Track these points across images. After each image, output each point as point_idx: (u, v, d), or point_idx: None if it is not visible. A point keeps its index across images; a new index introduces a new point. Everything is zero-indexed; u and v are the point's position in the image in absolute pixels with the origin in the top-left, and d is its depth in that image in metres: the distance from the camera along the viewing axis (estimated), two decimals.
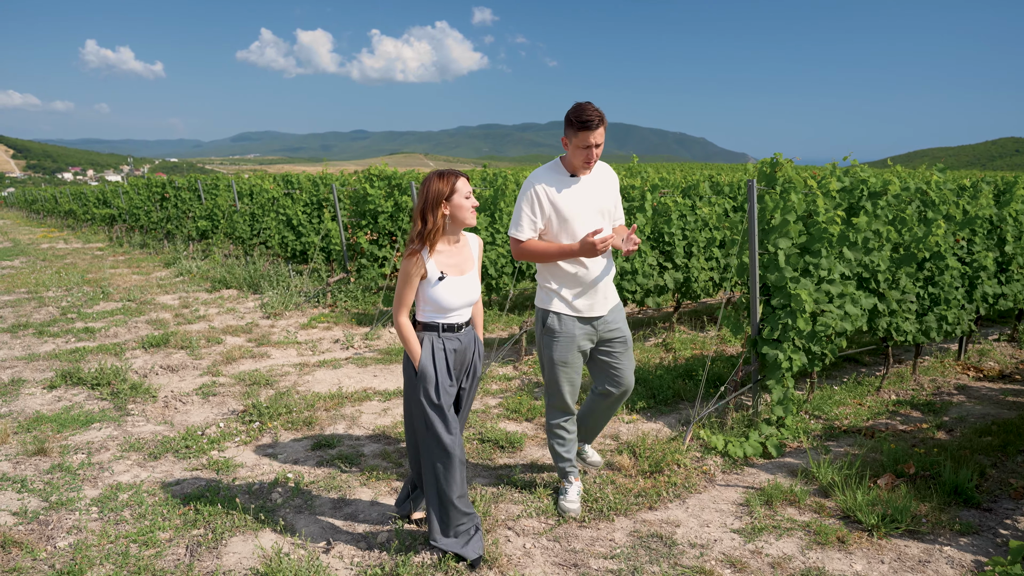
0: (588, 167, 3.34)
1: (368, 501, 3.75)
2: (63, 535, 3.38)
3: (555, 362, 3.48)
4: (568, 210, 3.33)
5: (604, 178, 3.49)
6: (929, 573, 3.09)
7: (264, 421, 4.87)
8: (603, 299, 3.47)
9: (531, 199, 3.34)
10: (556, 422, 3.64)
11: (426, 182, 2.93)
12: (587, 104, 3.21)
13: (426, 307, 2.99)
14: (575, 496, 3.64)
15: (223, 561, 3.16)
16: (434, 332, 2.99)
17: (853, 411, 5.40)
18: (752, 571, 3.07)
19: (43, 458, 4.29)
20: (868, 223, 5.17)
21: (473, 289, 3.04)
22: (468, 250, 3.08)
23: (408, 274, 2.92)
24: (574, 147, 3.26)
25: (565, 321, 3.43)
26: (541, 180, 3.36)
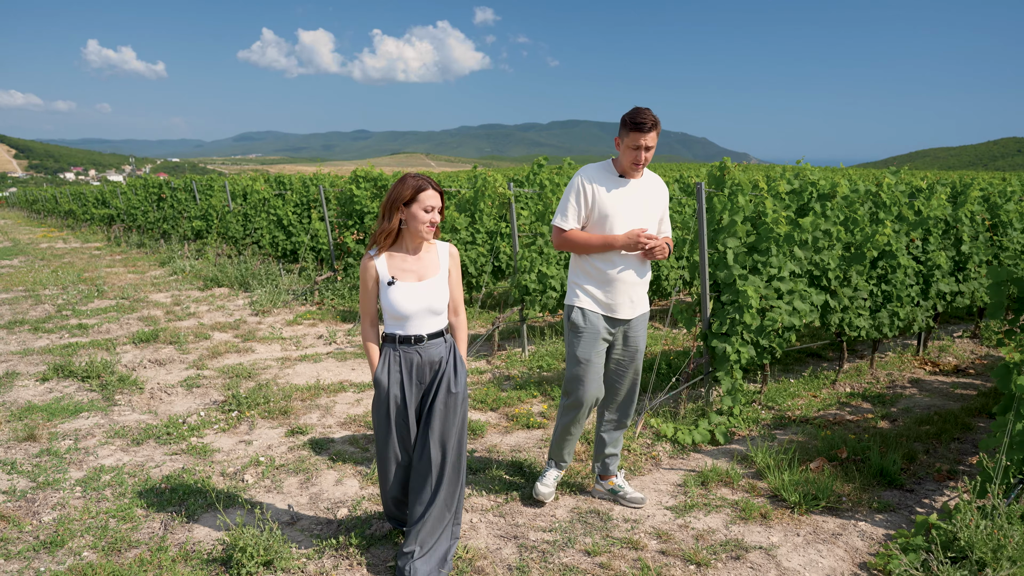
0: (636, 168, 3.38)
1: (333, 482, 4.03)
2: (48, 511, 3.67)
3: (578, 359, 3.48)
4: (611, 207, 3.37)
5: (654, 187, 3.53)
6: (840, 544, 3.37)
7: (242, 410, 5.16)
8: (631, 304, 3.48)
9: (578, 190, 3.40)
10: (571, 417, 3.60)
11: (399, 181, 2.88)
12: (644, 109, 3.29)
13: (386, 316, 2.94)
14: (551, 481, 3.75)
15: (193, 534, 3.44)
16: (391, 344, 2.93)
17: (807, 402, 5.67)
18: (676, 541, 3.35)
19: (32, 443, 4.58)
20: (815, 223, 5.44)
21: (434, 296, 2.91)
22: (432, 258, 2.97)
23: (362, 279, 2.92)
24: (625, 147, 3.33)
25: (590, 316, 3.46)
26: (590, 174, 3.42)
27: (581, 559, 3.19)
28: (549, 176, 7.14)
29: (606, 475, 3.84)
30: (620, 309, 3.46)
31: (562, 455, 3.77)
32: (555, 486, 3.78)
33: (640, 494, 3.78)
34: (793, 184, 5.61)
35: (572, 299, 3.52)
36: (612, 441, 3.77)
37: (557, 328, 7.87)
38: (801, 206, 5.66)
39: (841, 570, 3.15)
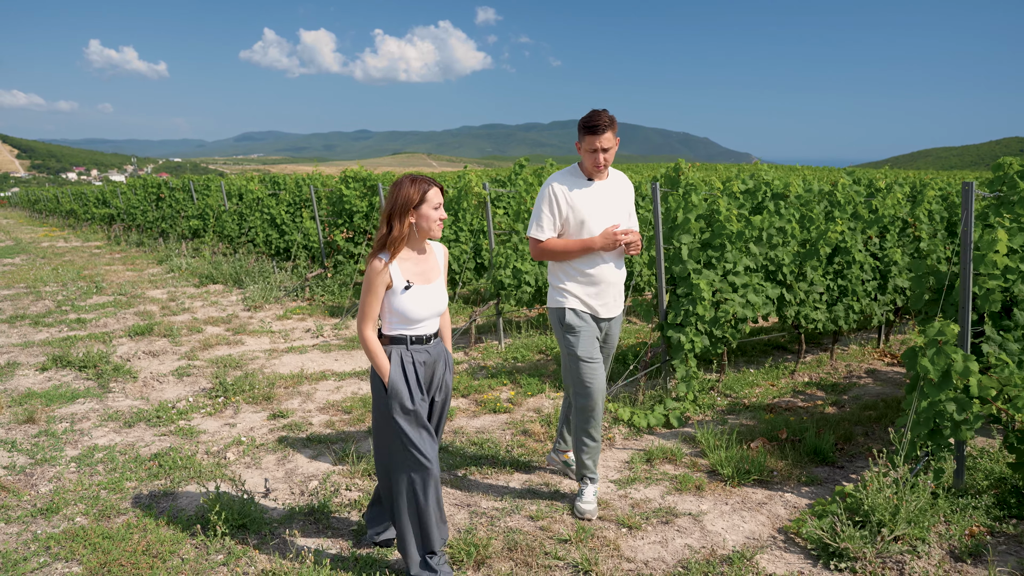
0: (599, 170, 3.44)
1: (308, 458, 4.37)
2: (45, 483, 4.02)
3: (582, 359, 3.48)
4: (584, 210, 3.43)
5: (619, 185, 3.60)
6: (763, 512, 3.70)
7: (228, 396, 5.50)
8: (613, 302, 3.57)
9: (549, 200, 3.45)
10: (587, 428, 3.56)
11: (397, 186, 2.84)
12: (599, 111, 3.32)
13: (392, 318, 2.87)
14: (591, 497, 3.62)
15: (177, 503, 3.78)
16: (402, 345, 2.87)
17: (764, 391, 6.00)
18: (613, 508, 3.68)
19: (32, 425, 4.93)
20: (770, 221, 5.77)
21: (440, 299, 2.94)
22: (434, 259, 2.98)
23: (372, 283, 2.80)
24: (584, 151, 3.39)
25: (583, 316, 3.50)
26: (558, 182, 3.47)
27: (525, 523, 3.53)
28: (524, 177, 7.48)
29: (564, 449, 4.02)
30: (604, 308, 3.53)
31: (589, 467, 3.66)
32: (595, 501, 3.64)
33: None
34: (748, 184, 5.94)
35: (561, 301, 3.52)
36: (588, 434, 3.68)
37: (533, 322, 8.20)
38: (756, 205, 5.99)
39: (759, 533, 3.48)
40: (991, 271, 3.72)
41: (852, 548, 3.17)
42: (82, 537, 3.37)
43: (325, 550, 3.29)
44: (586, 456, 3.63)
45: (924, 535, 3.33)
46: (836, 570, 3.14)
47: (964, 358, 3.50)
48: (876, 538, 3.25)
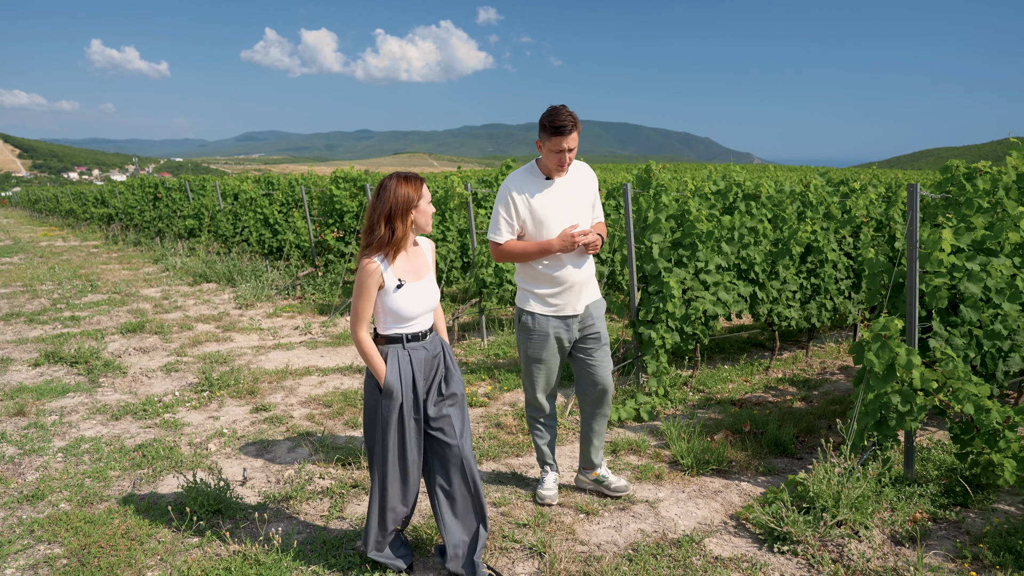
0: (562, 170, 3.39)
1: (286, 450, 4.54)
2: (32, 472, 4.19)
3: (529, 358, 3.56)
4: (543, 212, 3.38)
5: (580, 177, 3.53)
6: (718, 499, 3.86)
7: (213, 391, 5.67)
8: (579, 296, 3.52)
9: (507, 203, 3.40)
10: (530, 416, 3.76)
11: (387, 187, 2.77)
12: (561, 108, 3.23)
13: (386, 318, 2.85)
14: (551, 484, 3.76)
15: (158, 490, 3.95)
16: (398, 344, 2.86)
17: (737, 386, 6.16)
18: (573, 496, 3.84)
19: (21, 418, 5.10)
20: (742, 220, 5.93)
21: (432, 294, 2.94)
22: (422, 254, 2.97)
23: (364, 285, 2.76)
24: (547, 151, 3.30)
25: (539, 320, 3.50)
26: (515, 184, 3.42)
27: (487, 509, 3.69)
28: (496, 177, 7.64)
29: (589, 466, 3.88)
30: (568, 307, 3.51)
31: (545, 459, 3.81)
32: (555, 487, 3.79)
33: (624, 482, 3.83)
34: (719, 185, 6.10)
35: (522, 303, 3.56)
36: (595, 432, 3.79)
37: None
38: (727, 205, 6.15)
39: (712, 519, 3.64)
40: (937, 269, 3.88)
41: (795, 532, 3.34)
42: (65, 521, 3.54)
43: (295, 533, 3.45)
44: (539, 439, 3.77)
45: (867, 520, 3.49)
46: (779, 552, 3.30)
47: (908, 352, 3.66)
48: (819, 523, 3.41)
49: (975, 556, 3.25)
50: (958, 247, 4.03)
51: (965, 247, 4.04)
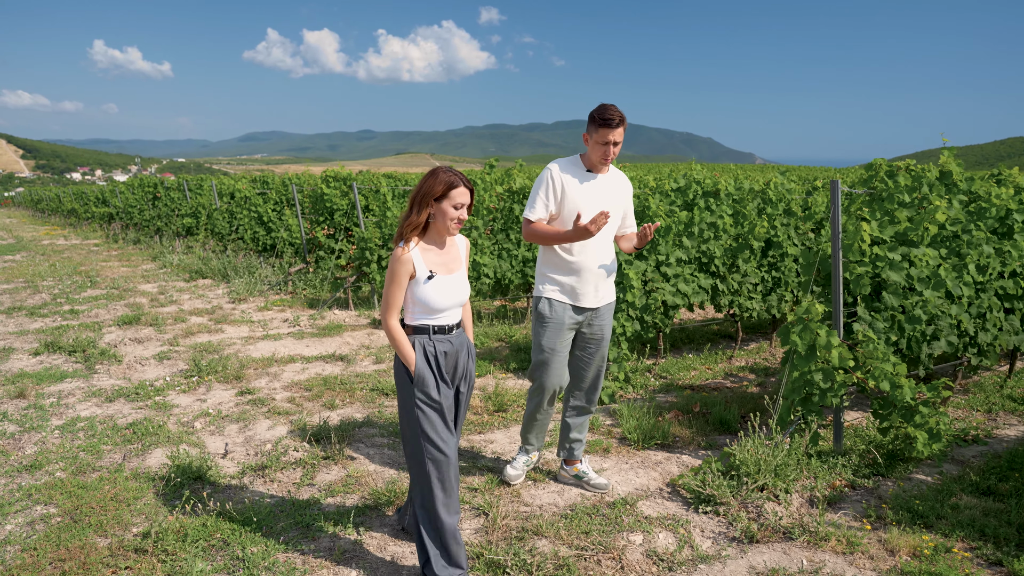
0: (605, 163, 3.48)
1: (266, 428, 4.90)
2: (31, 446, 4.55)
3: (543, 348, 3.61)
4: (580, 201, 3.46)
5: (620, 183, 3.66)
6: (658, 470, 4.22)
7: (202, 376, 6.03)
8: (596, 292, 3.59)
9: (547, 183, 3.48)
10: (535, 402, 3.79)
11: (430, 173, 2.85)
12: (611, 105, 3.38)
13: (415, 308, 2.88)
14: (520, 465, 3.91)
15: (146, 462, 4.31)
16: (424, 335, 2.88)
17: (699, 373, 6.50)
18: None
19: (22, 400, 5.47)
20: (696, 217, 6.28)
21: (462, 289, 2.95)
22: (456, 250, 2.99)
23: (396, 273, 2.79)
24: (594, 143, 3.42)
25: (556, 307, 3.56)
26: (559, 169, 3.50)
27: None
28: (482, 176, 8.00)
29: (571, 460, 3.96)
30: (585, 298, 3.56)
31: (529, 439, 3.95)
32: (524, 470, 3.93)
33: (604, 480, 3.91)
34: (679, 183, 6.45)
35: (540, 289, 3.61)
36: (577, 426, 3.90)
37: (497, 313, 8.72)
38: (687, 202, 6.50)
39: (649, 486, 4.00)
40: (859, 259, 4.22)
41: (718, 495, 3.69)
42: (59, 487, 3.90)
43: (268, 496, 3.81)
44: (530, 432, 3.89)
45: (788, 486, 3.85)
46: (703, 513, 3.66)
47: (827, 333, 4.01)
48: (741, 487, 3.77)
49: (878, 515, 3.60)
50: (881, 238, 4.38)
51: (888, 238, 4.38)
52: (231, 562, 3.16)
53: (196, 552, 3.21)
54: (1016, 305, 5.46)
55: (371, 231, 8.90)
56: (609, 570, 3.10)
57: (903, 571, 3.08)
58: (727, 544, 3.35)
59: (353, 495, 3.83)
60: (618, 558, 3.19)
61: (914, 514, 3.56)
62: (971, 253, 4.81)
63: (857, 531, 3.42)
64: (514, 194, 7.65)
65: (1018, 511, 3.57)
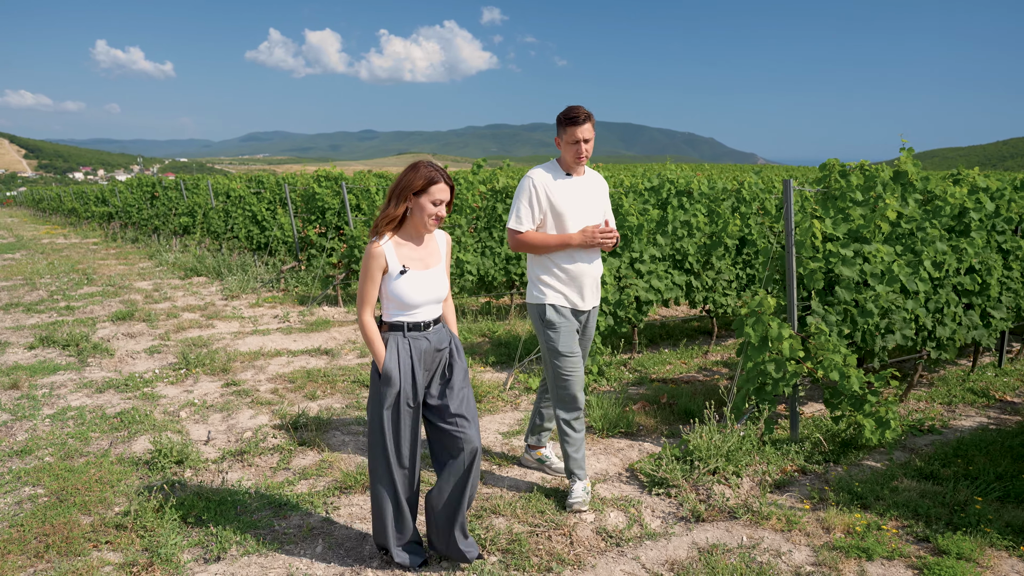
0: (579, 162, 3.50)
1: (248, 417, 5.10)
2: (22, 433, 4.76)
3: (562, 354, 3.57)
4: (563, 205, 3.50)
5: (598, 181, 3.72)
6: (620, 456, 4.41)
7: (190, 369, 6.24)
8: (591, 294, 3.65)
9: (529, 193, 3.50)
10: (567, 418, 3.66)
11: (410, 167, 2.82)
12: (576, 105, 3.46)
13: (389, 304, 2.87)
14: (580, 493, 3.66)
15: (132, 448, 4.51)
16: (399, 332, 2.86)
17: (674, 367, 6.70)
18: (492, 453, 4.40)
19: (15, 391, 5.67)
20: (670, 215, 6.47)
21: (439, 285, 2.91)
22: (434, 245, 2.96)
23: (368, 267, 2.78)
24: (565, 144, 3.47)
25: (563, 311, 3.58)
26: (538, 176, 3.53)
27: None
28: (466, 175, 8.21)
29: (537, 446, 4.10)
30: (583, 301, 3.62)
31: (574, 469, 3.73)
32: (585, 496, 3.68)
33: (562, 463, 3.97)
34: (653, 182, 6.65)
35: (541, 298, 3.60)
36: (550, 417, 3.99)
37: (482, 310, 8.92)
38: (661, 201, 6.69)
39: (609, 470, 4.19)
40: (812, 255, 4.42)
41: (671, 478, 3.89)
42: (47, 470, 4.11)
43: (244, 479, 4.02)
44: (570, 447, 3.69)
45: (739, 470, 4.04)
46: (656, 495, 3.85)
47: (779, 325, 4.21)
48: (693, 471, 3.97)
49: (821, 497, 3.80)
50: (834, 236, 4.58)
51: (841, 235, 4.58)
52: (205, 537, 3.36)
53: (172, 528, 3.42)
54: (975, 301, 5.66)
55: (360, 229, 9.11)
56: (559, 545, 3.30)
57: (834, 546, 3.28)
58: (674, 523, 3.55)
59: (326, 478, 4.04)
60: (568, 534, 3.39)
61: (853, 495, 3.76)
62: (926, 250, 5.00)
63: (798, 511, 3.62)
64: (497, 193, 7.85)
65: (954, 493, 3.77)
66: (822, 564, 3.15)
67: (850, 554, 3.21)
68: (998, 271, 5.65)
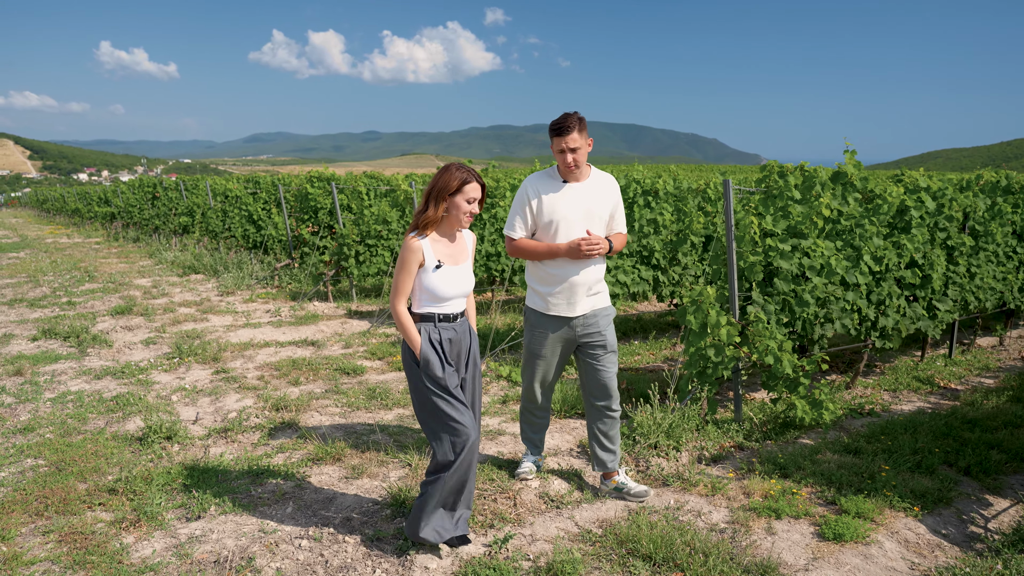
0: (570, 171, 3.50)
1: (235, 400, 5.49)
2: (25, 414, 5.15)
3: (530, 352, 3.75)
4: (556, 213, 3.51)
5: (601, 186, 3.64)
6: (574, 434, 4.79)
7: (182, 358, 6.64)
8: (582, 300, 3.61)
9: (523, 201, 3.57)
10: (524, 407, 3.96)
11: (445, 169, 3.00)
12: (568, 113, 3.43)
13: (423, 296, 3.03)
14: (525, 469, 3.97)
15: (126, 427, 4.90)
16: (430, 323, 3.03)
17: (642, 358, 7.07)
18: None
19: (19, 377, 6.08)
20: (636, 213, 6.85)
21: (467, 280, 3.10)
22: (463, 243, 3.16)
23: (406, 260, 2.95)
24: (555, 152, 3.49)
25: (542, 318, 3.67)
26: (534, 184, 3.58)
27: (383, 437, 4.64)
28: None
29: (608, 473, 3.89)
30: (570, 308, 3.61)
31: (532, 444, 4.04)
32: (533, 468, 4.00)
33: (644, 487, 3.81)
34: (620, 183, 7.03)
35: (529, 301, 3.75)
36: (602, 433, 3.83)
37: None
38: (627, 200, 7.07)
39: (561, 446, 4.57)
40: (751, 248, 4.80)
41: None
42: (48, 445, 4.51)
43: (227, 453, 4.41)
44: (528, 429, 4.01)
45: (679, 445, 4.42)
46: None
47: (717, 313, 4.58)
48: (635, 445, 4.34)
49: (748, 468, 4.18)
50: (773, 231, 4.95)
51: (780, 231, 4.95)
52: (188, 500, 3.75)
53: (159, 492, 3.81)
54: (918, 293, 6.03)
55: (349, 228, 9.50)
56: (503, 507, 3.68)
57: (750, 508, 3.66)
58: (612, 490, 3.92)
59: (300, 451, 4.43)
60: (513, 498, 3.77)
61: (777, 466, 4.13)
62: (865, 245, 5.37)
63: (724, 479, 4.00)
64: None
65: (870, 465, 4.14)
66: (735, 522, 3.53)
67: (761, 514, 3.59)
68: (941, 266, 6.01)
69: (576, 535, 3.42)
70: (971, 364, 6.88)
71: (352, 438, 4.64)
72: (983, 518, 3.67)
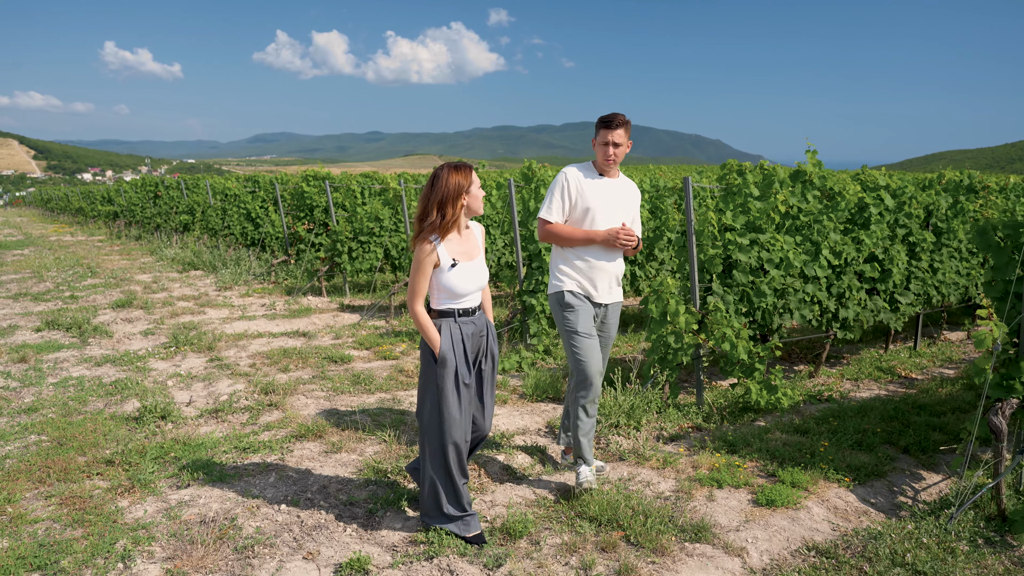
0: (608, 164, 3.67)
1: (227, 385, 5.81)
2: (29, 396, 5.48)
3: (579, 334, 3.67)
4: (593, 202, 3.66)
5: (629, 187, 3.85)
6: (543, 416, 5.10)
7: (179, 347, 6.96)
8: (608, 290, 3.78)
9: (562, 186, 3.68)
10: (583, 402, 3.74)
11: (440, 176, 3.01)
12: (616, 112, 3.66)
13: (440, 294, 3.09)
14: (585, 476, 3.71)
15: (124, 408, 5.22)
16: (450, 318, 3.10)
17: (620, 349, 7.37)
18: None
19: (23, 364, 6.40)
20: None
21: (482, 273, 3.17)
22: (474, 237, 3.20)
23: (421, 263, 3.00)
24: (598, 145, 3.65)
25: (580, 296, 3.72)
26: (573, 172, 3.72)
27: (363, 417, 4.96)
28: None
29: (569, 448, 4.09)
30: (599, 294, 3.74)
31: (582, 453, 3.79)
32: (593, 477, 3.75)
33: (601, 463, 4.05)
34: None
35: (559, 285, 3.76)
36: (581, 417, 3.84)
37: None
38: None
39: (530, 426, 4.88)
40: (711, 242, 5.10)
41: None
42: (50, 423, 4.83)
43: (217, 431, 4.73)
44: (580, 433, 3.76)
45: (639, 425, 4.73)
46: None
47: (676, 302, 4.89)
48: (597, 425, 4.65)
49: (700, 445, 4.48)
50: (732, 226, 5.25)
51: (739, 226, 5.26)
52: (178, 470, 4.07)
53: (152, 463, 4.13)
54: (879, 287, 6.32)
55: (343, 225, 9.82)
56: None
57: (695, 478, 3.96)
58: (572, 464, 4.23)
59: (285, 429, 4.74)
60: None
61: (726, 443, 4.44)
62: (824, 241, 5.67)
63: (675, 455, 4.30)
64: None
65: (811, 443, 4.44)
66: (680, 491, 3.83)
67: (704, 484, 3.89)
68: (902, 261, 6.31)
69: (532, 501, 3.73)
70: (935, 356, 7.16)
71: (334, 418, 4.96)
72: (913, 490, 3.97)
